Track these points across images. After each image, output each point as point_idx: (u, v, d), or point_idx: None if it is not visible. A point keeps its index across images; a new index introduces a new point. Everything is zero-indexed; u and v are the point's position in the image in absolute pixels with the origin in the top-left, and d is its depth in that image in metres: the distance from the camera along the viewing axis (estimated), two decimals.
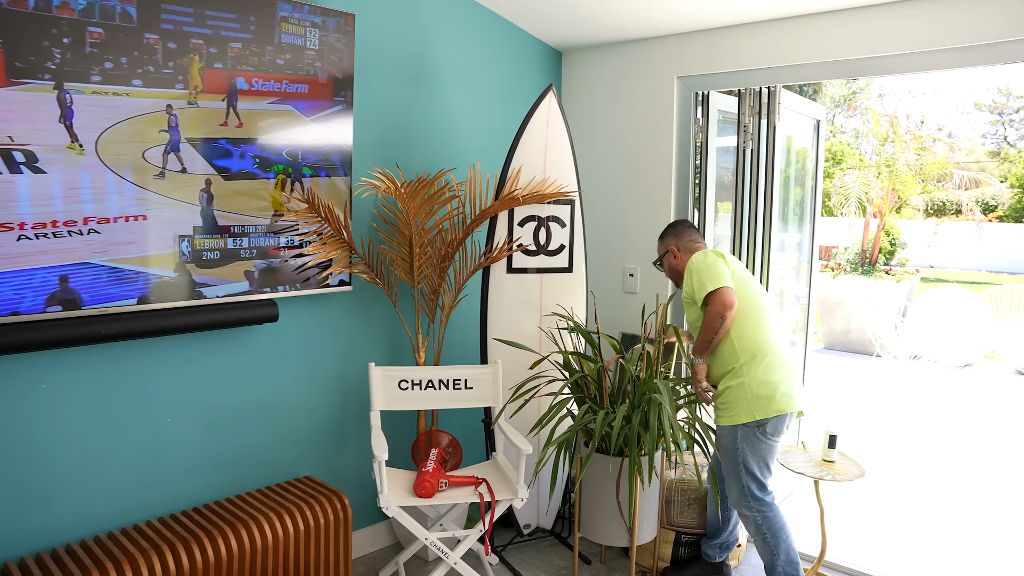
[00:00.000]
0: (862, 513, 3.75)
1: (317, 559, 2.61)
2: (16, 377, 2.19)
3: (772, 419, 2.54)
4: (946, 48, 2.70)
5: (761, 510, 2.60)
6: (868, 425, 5.40)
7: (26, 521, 2.24)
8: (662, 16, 3.17)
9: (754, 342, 2.56)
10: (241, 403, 2.73)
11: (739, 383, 2.55)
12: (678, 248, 2.80)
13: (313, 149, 2.67)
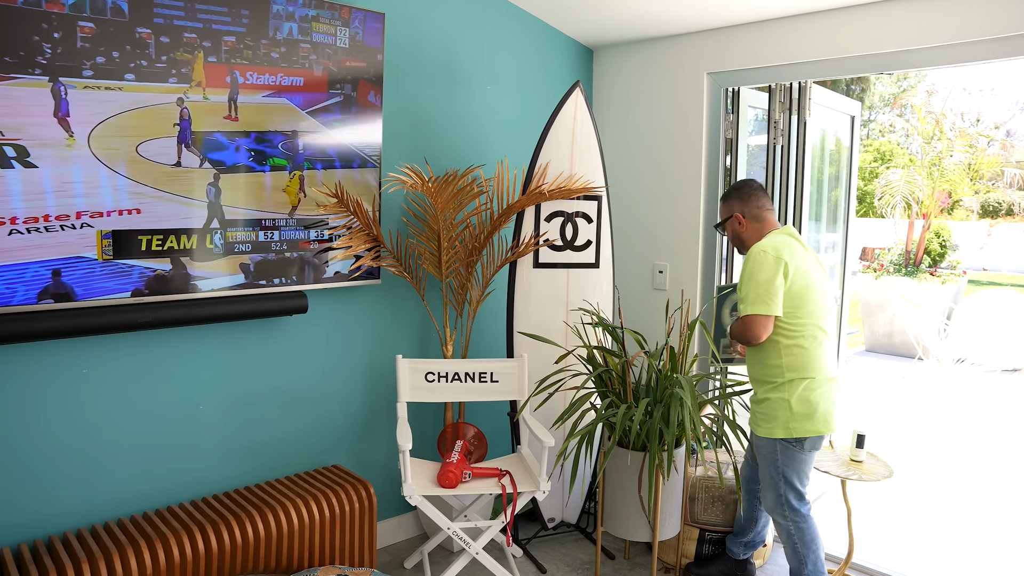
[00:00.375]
0: (893, 515, 3.68)
1: (342, 546, 2.67)
2: (59, 362, 2.30)
3: (809, 438, 2.49)
4: (984, 39, 2.63)
5: (796, 520, 2.56)
6: (906, 428, 5.28)
7: (69, 498, 2.35)
8: (692, 12, 3.16)
9: (802, 362, 2.46)
10: (272, 391, 2.81)
11: (780, 398, 2.48)
12: (743, 214, 2.60)
13: (333, 145, 2.71)
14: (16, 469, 2.24)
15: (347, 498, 2.68)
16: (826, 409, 2.48)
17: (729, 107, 3.35)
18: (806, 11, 3.01)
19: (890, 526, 3.55)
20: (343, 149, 2.74)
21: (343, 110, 2.71)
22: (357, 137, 2.77)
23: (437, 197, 2.79)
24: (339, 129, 2.71)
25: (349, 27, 2.67)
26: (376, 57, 2.77)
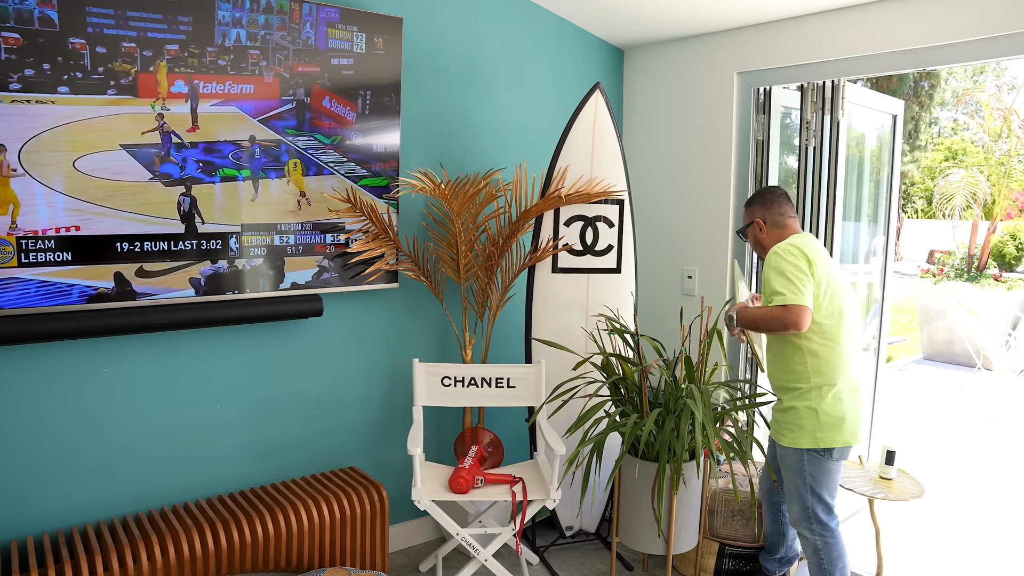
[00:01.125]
0: (930, 535, 3.49)
1: (353, 547, 2.69)
2: (81, 361, 2.38)
3: (838, 447, 2.40)
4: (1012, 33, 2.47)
5: (823, 535, 2.46)
6: (957, 442, 5.01)
7: (89, 492, 2.43)
8: (721, 10, 3.07)
9: (829, 368, 2.38)
10: (289, 393, 2.85)
11: (807, 407, 2.39)
12: (765, 220, 2.54)
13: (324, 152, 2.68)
14: (39, 462, 2.34)
15: (359, 500, 2.69)
16: (854, 419, 2.40)
17: (760, 107, 3.24)
18: (837, 6, 2.89)
19: (926, 547, 3.37)
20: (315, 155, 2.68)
21: (295, 115, 2.57)
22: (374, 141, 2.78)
23: (451, 201, 2.78)
24: (293, 137, 2.61)
25: (301, 31, 2.52)
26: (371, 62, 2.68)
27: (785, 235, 2.52)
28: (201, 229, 2.49)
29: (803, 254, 2.34)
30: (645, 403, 2.72)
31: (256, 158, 2.55)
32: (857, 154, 3.47)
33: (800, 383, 2.42)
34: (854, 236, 3.53)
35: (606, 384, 2.75)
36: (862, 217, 3.54)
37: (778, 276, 2.32)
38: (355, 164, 2.77)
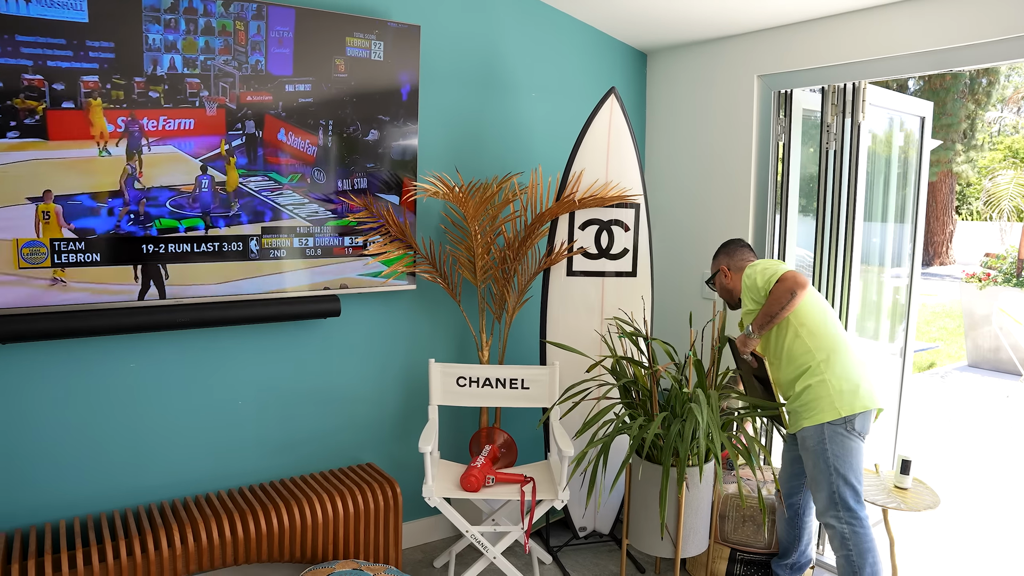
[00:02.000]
0: (951, 545, 3.41)
1: (366, 541, 2.76)
2: (110, 357, 2.51)
3: (859, 415, 2.42)
4: None
5: (851, 522, 2.43)
6: (993, 453, 4.86)
7: (121, 480, 2.56)
8: (742, 13, 3.06)
9: (829, 339, 2.48)
10: (308, 390, 2.94)
11: (819, 380, 2.45)
12: (728, 267, 2.77)
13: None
14: (73, 451, 2.47)
15: (373, 496, 2.77)
16: (868, 385, 2.46)
17: (781, 110, 3.21)
18: (857, 8, 2.85)
19: (944, 557, 3.30)
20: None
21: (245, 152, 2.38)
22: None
23: (466, 205, 2.83)
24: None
25: (261, 48, 2.37)
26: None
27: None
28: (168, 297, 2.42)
29: (768, 265, 2.54)
30: (655, 406, 2.73)
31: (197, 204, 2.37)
32: (884, 155, 3.42)
33: (808, 363, 2.48)
34: (880, 237, 3.47)
35: (615, 387, 2.77)
36: (889, 218, 3.48)
37: (760, 274, 2.51)
38: (318, 204, 2.62)
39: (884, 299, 3.54)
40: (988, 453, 4.88)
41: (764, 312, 2.49)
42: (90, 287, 2.36)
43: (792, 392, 2.53)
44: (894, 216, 3.50)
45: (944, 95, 15.08)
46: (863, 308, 3.41)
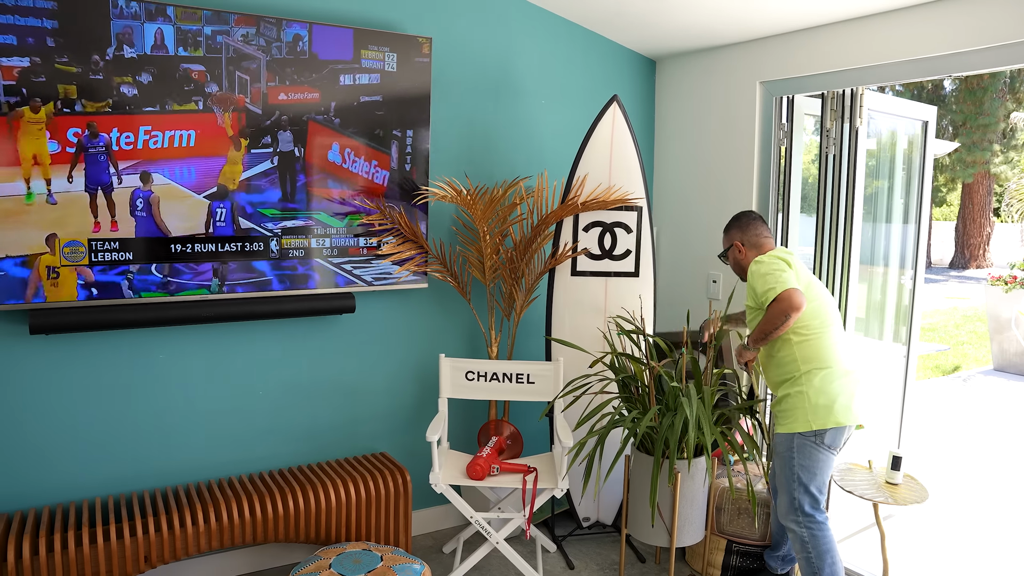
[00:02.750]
0: (945, 541, 3.45)
1: (378, 525, 2.93)
2: (140, 348, 2.71)
3: (830, 430, 2.48)
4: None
5: (809, 527, 2.53)
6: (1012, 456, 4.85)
7: (144, 464, 2.77)
8: (746, 21, 3.16)
9: (816, 352, 2.51)
10: (324, 382, 3.12)
11: (798, 391, 2.51)
12: (743, 243, 2.72)
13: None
14: (104, 435, 2.68)
15: (384, 483, 2.93)
16: (846, 401, 2.49)
17: (783, 116, 3.30)
18: (856, 16, 2.93)
19: (936, 553, 3.35)
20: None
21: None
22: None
23: (475, 207, 2.98)
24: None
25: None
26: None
27: (762, 252, 2.67)
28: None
29: (779, 258, 2.53)
30: (652, 400, 2.84)
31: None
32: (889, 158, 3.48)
33: (792, 373, 2.53)
34: (885, 238, 3.52)
35: (613, 381, 2.89)
36: (893, 219, 3.54)
37: (762, 279, 2.49)
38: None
39: (889, 300, 3.60)
40: (1007, 456, 4.87)
41: (761, 329, 2.50)
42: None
43: (776, 395, 2.62)
44: (901, 218, 3.56)
45: (982, 95, 14.80)
46: (868, 310, 3.48)
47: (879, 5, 2.80)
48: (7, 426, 2.53)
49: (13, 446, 2.55)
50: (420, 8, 3.10)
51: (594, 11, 3.36)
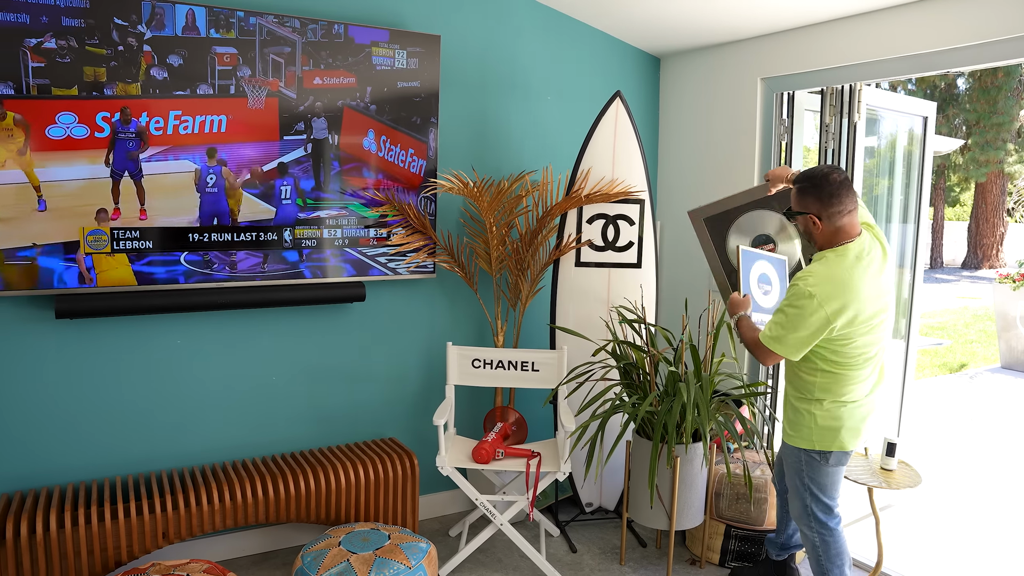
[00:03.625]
0: (942, 527, 3.51)
1: (386, 507, 3.03)
2: (158, 334, 2.83)
3: (835, 453, 2.45)
4: None
5: (822, 533, 2.52)
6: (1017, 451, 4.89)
7: (161, 445, 2.88)
8: (747, 18, 3.23)
9: (837, 387, 2.39)
10: (335, 369, 3.22)
11: (807, 410, 2.44)
12: (819, 217, 2.30)
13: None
14: (126, 417, 2.80)
15: (392, 466, 3.03)
16: (853, 427, 2.42)
17: (783, 111, 3.37)
18: (855, 13, 3.00)
19: (933, 538, 3.41)
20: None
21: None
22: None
23: (481, 199, 3.07)
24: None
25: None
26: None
27: (839, 238, 2.31)
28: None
29: (827, 319, 2.23)
30: (653, 387, 2.93)
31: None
32: (888, 157, 3.55)
33: (807, 392, 2.44)
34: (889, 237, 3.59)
35: (615, 368, 2.97)
36: (893, 218, 3.60)
37: (781, 312, 2.31)
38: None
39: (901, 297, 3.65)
40: (1010, 451, 4.91)
41: (742, 332, 2.46)
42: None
43: (788, 397, 2.55)
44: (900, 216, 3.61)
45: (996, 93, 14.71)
46: None
47: (877, 3, 2.86)
48: (34, 407, 2.65)
49: (40, 426, 2.67)
50: (428, 6, 3.20)
51: (600, 9, 3.44)
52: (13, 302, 2.57)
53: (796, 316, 2.25)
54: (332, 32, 1.91)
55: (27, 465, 2.67)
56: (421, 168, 3.09)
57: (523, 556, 3.15)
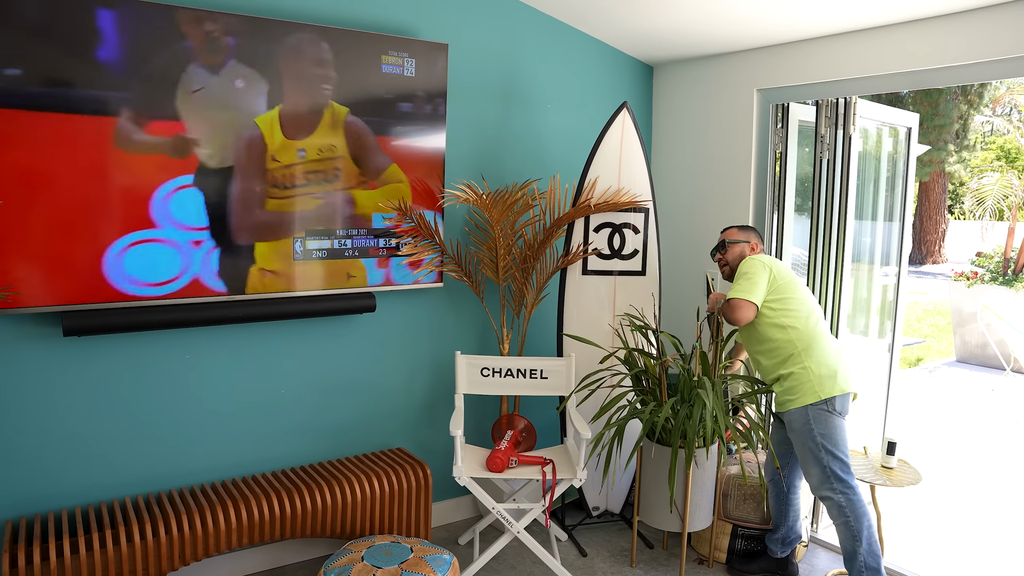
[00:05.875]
0: (936, 523, 3.68)
1: (400, 519, 3.02)
2: (168, 348, 2.76)
3: (837, 397, 2.70)
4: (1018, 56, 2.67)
5: (845, 492, 2.68)
6: (979, 442, 5.14)
7: (171, 462, 2.81)
8: (744, 31, 3.31)
9: (808, 334, 2.75)
10: (344, 380, 3.19)
11: (802, 367, 2.73)
12: (760, 241, 3.05)
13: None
14: (132, 434, 2.72)
15: (405, 477, 3.02)
16: (845, 370, 2.75)
17: (778, 122, 3.47)
18: (850, 29, 3.11)
19: (934, 534, 3.57)
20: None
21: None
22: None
23: (491, 210, 3.08)
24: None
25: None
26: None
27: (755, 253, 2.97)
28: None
29: (767, 267, 2.79)
30: (664, 393, 2.99)
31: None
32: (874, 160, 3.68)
33: (789, 350, 2.75)
34: (871, 237, 3.73)
35: (628, 376, 3.02)
36: (878, 217, 3.74)
37: (742, 276, 2.80)
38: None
39: (874, 296, 3.81)
40: (973, 442, 5.15)
41: (725, 304, 2.79)
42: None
43: (777, 378, 2.79)
44: (883, 215, 3.76)
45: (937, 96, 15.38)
46: (854, 305, 3.68)
47: (871, 21, 2.98)
48: (41, 428, 2.56)
49: (48, 447, 2.58)
50: (433, 15, 3.19)
51: (595, 17, 3.48)
52: (16, 320, 2.48)
53: (752, 274, 2.78)
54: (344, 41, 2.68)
55: (37, 487, 2.57)
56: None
57: (535, 562, 3.18)
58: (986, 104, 15.60)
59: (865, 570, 2.66)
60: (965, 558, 3.35)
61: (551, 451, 3.22)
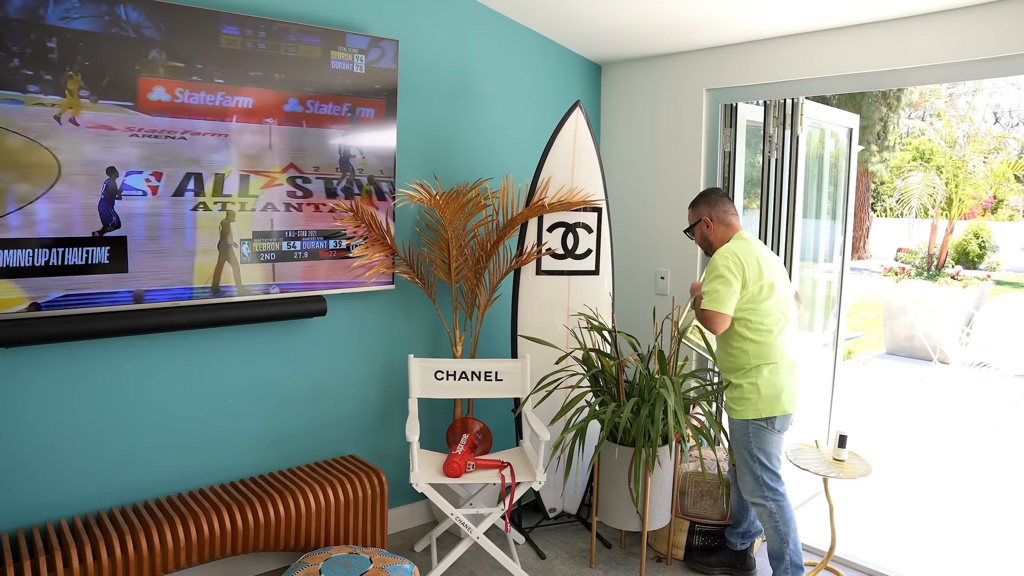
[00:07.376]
0: (884, 512, 3.81)
1: (356, 528, 2.93)
2: (105, 359, 2.60)
3: (778, 417, 2.74)
4: (959, 61, 2.77)
5: (776, 499, 2.77)
6: (914, 429, 5.36)
7: (112, 479, 2.65)
8: (693, 31, 3.34)
9: (768, 351, 2.72)
10: (294, 387, 3.08)
11: (750, 383, 2.73)
12: (711, 218, 2.84)
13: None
14: (69, 451, 2.55)
15: (360, 485, 2.93)
16: (791, 392, 2.76)
17: (727, 121, 3.52)
18: (799, 31, 3.17)
19: (881, 522, 3.69)
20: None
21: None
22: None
23: (444, 210, 3.02)
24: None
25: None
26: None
27: (730, 233, 2.83)
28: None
29: (739, 262, 2.68)
30: (622, 393, 2.98)
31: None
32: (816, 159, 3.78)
33: (743, 365, 2.75)
34: (815, 235, 3.83)
35: (586, 377, 3.01)
36: (822, 215, 3.84)
37: (712, 279, 2.70)
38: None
39: (817, 292, 3.92)
40: (906, 430, 5.37)
41: (701, 311, 2.73)
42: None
43: (727, 382, 2.82)
44: (827, 213, 3.87)
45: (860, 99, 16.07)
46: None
47: (819, 23, 3.04)
48: None
49: None
50: (383, 10, 3.10)
51: (542, 14, 3.45)
52: None
53: (721, 271, 2.68)
54: (288, 36, 2.64)
55: None
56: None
57: (494, 567, 3.13)
58: (903, 108, 16.37)
59: (791, 567, 2.79)
60: (914, 546, 3.47)
61: (508, 454, 3.18)
